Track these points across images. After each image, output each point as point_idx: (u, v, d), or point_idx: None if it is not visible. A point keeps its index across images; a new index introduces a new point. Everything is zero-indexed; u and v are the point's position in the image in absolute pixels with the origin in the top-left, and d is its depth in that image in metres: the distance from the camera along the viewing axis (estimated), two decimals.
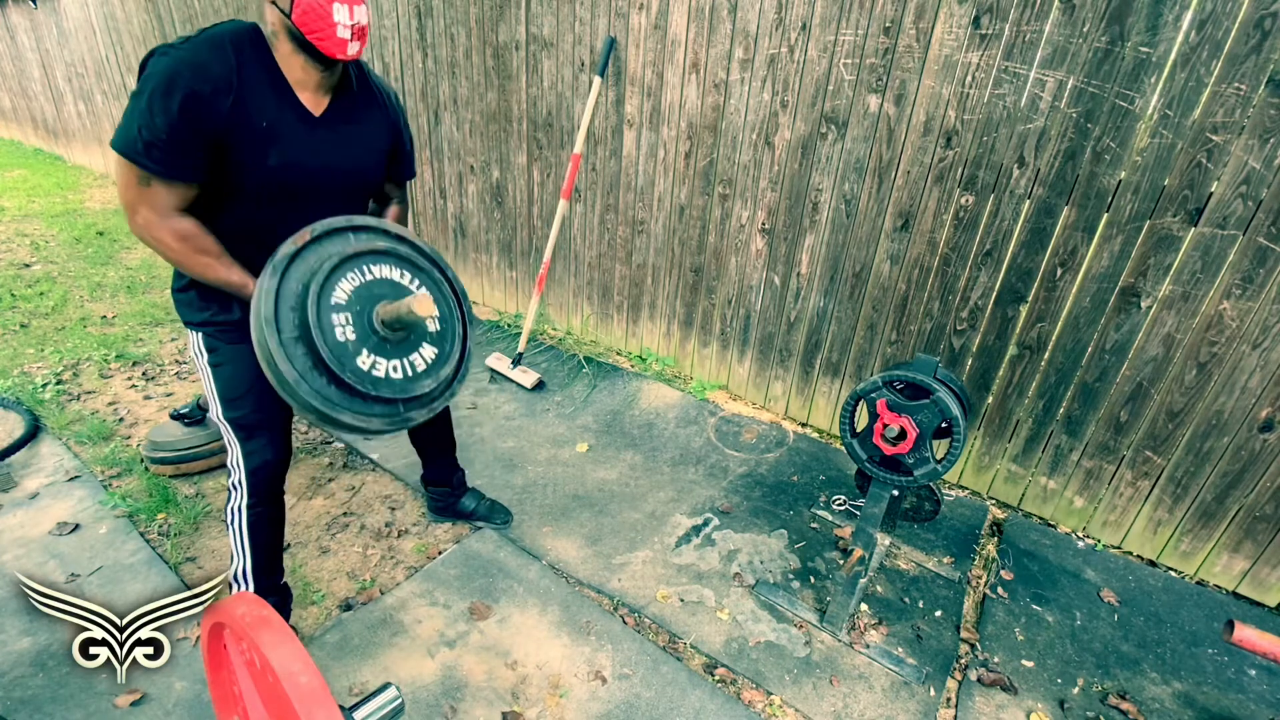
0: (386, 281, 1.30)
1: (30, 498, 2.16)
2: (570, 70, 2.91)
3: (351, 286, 1.25)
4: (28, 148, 8.69)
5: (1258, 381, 1.86)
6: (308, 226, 1.23)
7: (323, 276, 1.20)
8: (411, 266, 1.35)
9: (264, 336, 1.15)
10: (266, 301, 1.16)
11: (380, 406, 1.28)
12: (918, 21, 2.05)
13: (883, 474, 1.68)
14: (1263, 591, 2.02)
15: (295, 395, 1.18)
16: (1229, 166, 1.74)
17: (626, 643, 1.77)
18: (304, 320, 1.18)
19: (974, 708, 1.66)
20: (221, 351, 1.50)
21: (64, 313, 3.60)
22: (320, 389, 1.20)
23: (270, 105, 1.33)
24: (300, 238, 1.21)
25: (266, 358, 1.16)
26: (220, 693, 1.19)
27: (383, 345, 1.28)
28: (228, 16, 4.55)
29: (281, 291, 1.18)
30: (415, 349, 1.34)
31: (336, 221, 1.27)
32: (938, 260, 2.26)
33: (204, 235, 1.35)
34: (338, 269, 1.23)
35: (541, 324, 3.57)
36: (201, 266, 1.36)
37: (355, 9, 1.29)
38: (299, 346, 1.18)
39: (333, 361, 1.19)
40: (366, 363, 1.25)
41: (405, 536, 2.13)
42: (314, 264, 1.22)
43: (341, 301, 1.23)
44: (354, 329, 1.24)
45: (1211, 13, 1.66)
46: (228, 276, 1.37)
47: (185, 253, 1.33)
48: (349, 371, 1.22)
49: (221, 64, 1.26)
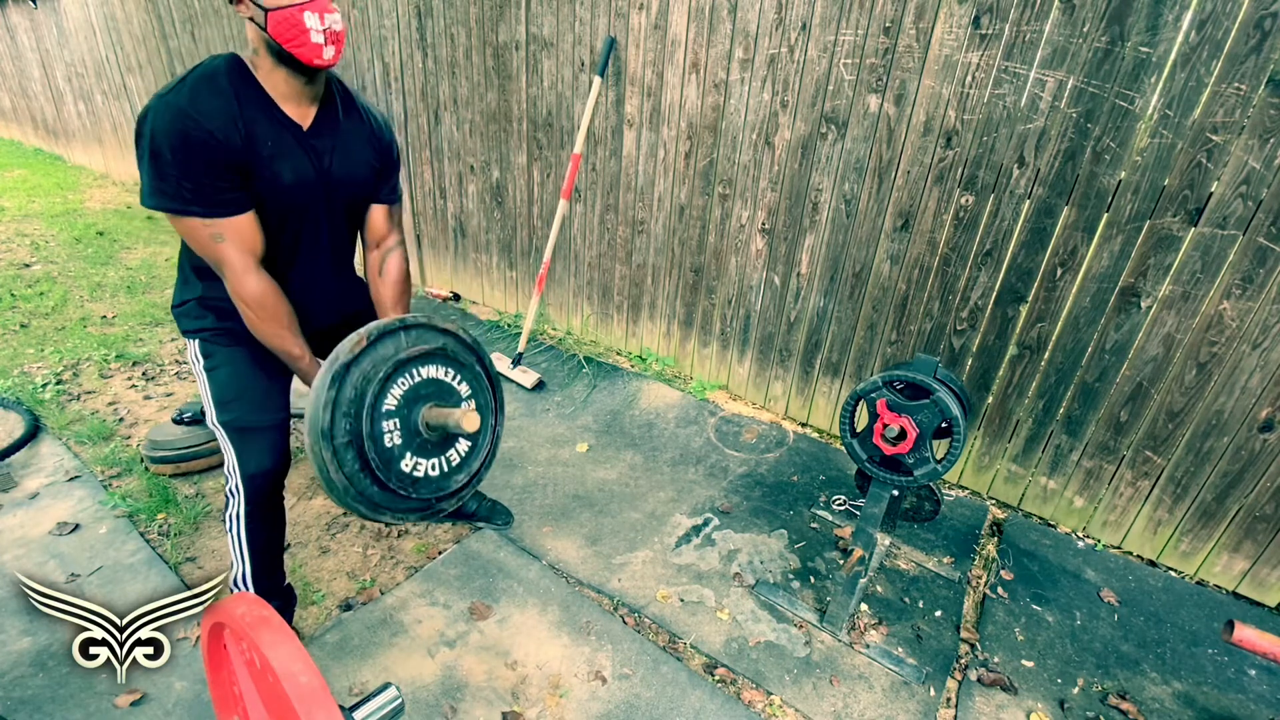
0: (433, 381, 1.31)
1: (30, 498, 2.16)
2: (570, 70, 2.91)
3: (401, 391, 1.25)
4: (28, 148, 8.70)
5: (1258, 381, 1.86)
6: (363, 330, 1.21)
7: (377, 386, 1.20)
8: (455, 363, 1.35)
9: (319, 447, 1.15)
10: (324, 413, 1.15)
11: (416, 503, 1.31)
12: (918, 21, 2.05)
13: (883, 474, 1.69)
14: (1263, 591, 2.02)
15: (342, 500, 1.20)
16: (1229, 166, 1.74)
17: (626, 643, 1.77)
18: (357, 430, 1.19)
19: (974, 708, 1.66)
20: (218, 355, 1.51)
21: (64, 313, 3.60)
22: (364, 490, 1.22)
23: (270, 129, 1.36)
24: (357, 344, 1.19)
25: (320, 466, 1.17)
26: (220, 693, 1.19)
27: (424, 446, 1.30)
28: (228, 16, 4.55)
29: (337, 400, 1.17)
30: (452, 445, 1.37)
31: (390, 323, 1.25)
32: (938, 260, 2.26)
33: (280, 302, 1.41)
34: (391, 376, 1.23)
35: (541, 324, 3.57)
36: (270, 335, 1.42)
37: (326, 15, 1.32)
38: (349, 451, 1.19)
39: (379, 469, 1.21)
40: (409, 465, 1.27)
41: (405, 536, 2.13)
42: (369, 370, 1.21)
43: (392, 408, 1.23)
44: (400, 434, 1.25)
45: (1211, 13, 1.66)
46: (290, 349, 1.44)
47: (258, 321, 1.40)
48: (394, 478, 1.24)
49: (224, 101, 1.29)
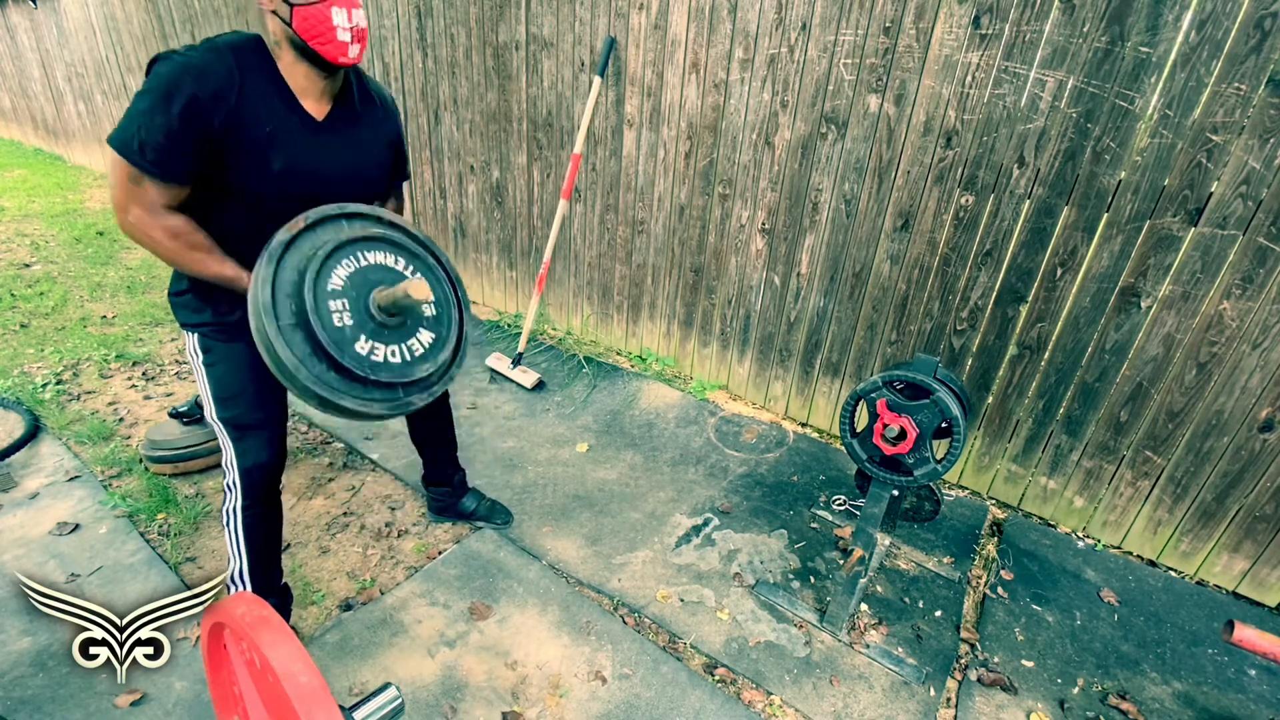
0: (381, 267, 1.31)
1: (30, 498, 2.16)
2: (570, 70, 2.91)
3: (347, 273, 1.25)
4: (28, 148, 8.69)
5: (1258, 381, 1.86)
6: (301, 215, 1.23)
7: (318, 263, 1.21)
8: (406, 253, 1.36)
9: (262, 324, 1.16)
10: (263, 289, 1.17)
11: (380, 391, 1.29)
12: (918, 21, 2.05)
13: (883, 474, 1.69)
14: (1263, 591, 2.02)
15: (295, 381, 1.19)
16: (1229, 166, 1.74)
17: (626, 643, 1.77)
18: (301, 307, 1.19)
19: (974, 708, 1.66)
20: (216, 351, 1.51)
21: (64, 313, 3.60)
22: (320, 374, 1.21)
23: (274, 112, 1.35)
24: (294, 225, 1.22)
25: (265, 344, 1.17)
26: (220, 693, 1.19)
27: (380, 330, 1.29)
28: (227, 16, 4.55)
29: (278, 279, 1.19)
30: (412, 334, 1.35)
31: (329, 209, 1.27)
32: (938, 260, 2.26)
33: (195, 231, 1.35)
34: (333, 255, 1.24)
35: (541, 324, 3.57)
36: (194, 261, 1.36)
37: (353, 12, 1.31)
38: (297, 333, 1.19)
39: (331, 347, 1.20)
40: (365, 348, 1.26)
41: (405, 536, 2.13)
42: (309, 251, 1.23)
43: (338, 288, 1.24)
44: (351, 315, 1.25)
45: (1211, 13, 1.66)
46: (220, 270, 1.37)
47: (177, 249, 1.34)
48: (348, 357, 1.23)
49: (222, 69, 1.28)
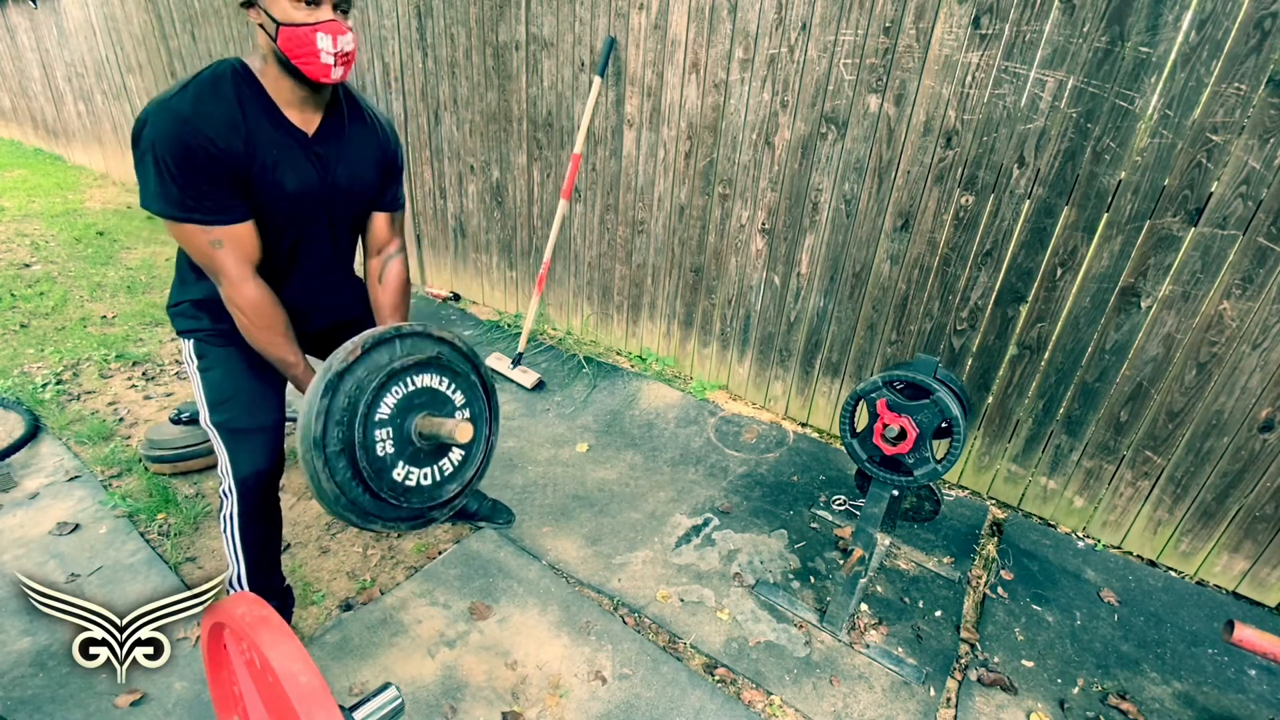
0: (427, 390, 1.30)
1: (30, 498, 2.16)
2: (570, 70, 2.91)
3: (394, 400, 1.24)
4: (28, 148, 8.70)
5: (1258, 381, 1.86)
6: (358, 338, 1.20)
7: (370, 395, 1.19)
8: (449, 372, 1.34)
9: (311, 457, 1.15)
10: (317, 422, 1.14)
11: (407, 512, 1.31)
12: (918, 21, 2.05)
13: (883, 474, 1.68)
14: (1263, 591, 2.02)
15: (333, 509, 1.20)
16: (1229, 166, 1.74)
17: (626, 643, 1.77)
18: (349, 438, 1.18)
19: (974, 708, 1.66)
20: (210, 356, 1.51)
21: (64, 313, 3.60)
22: (355, 499, 1.21)
23: (273, 135, 1.35)
24: (351, 353, 1.18)
25: (311, 475, 1.16)
26: (220, 693, 1.19)
27: (417, 455, 1.29)
28: (228, 16, 4.55)
29: (331, 408, 1.17)
30: (445, 454, 1.36)
31: (385, 332, 1.25)
32: (938, 260, 2.26)
33: (276, 309, 1.41)
34: (385, 385, 1.22)
35: (541, 324, 3.57)
36: (266, 343, 1.42)
37: (339, 38, 1.29)
38: (342, 459, 1.19)
39: (371, 478, 1.21)
40: (401, 474, 1.27)
41: (405, 537, 2.13)
42: (362, 378, 1.20)
43: (385, 416, 1.22)
44: (393, 443, 1.24)
45: (1211, 13, 1.66)
46: (286, 356, 1.44)
47: (254, 329, 1.40)
48: (385, 487, 1.24)
49: (227, 108, 1.28)
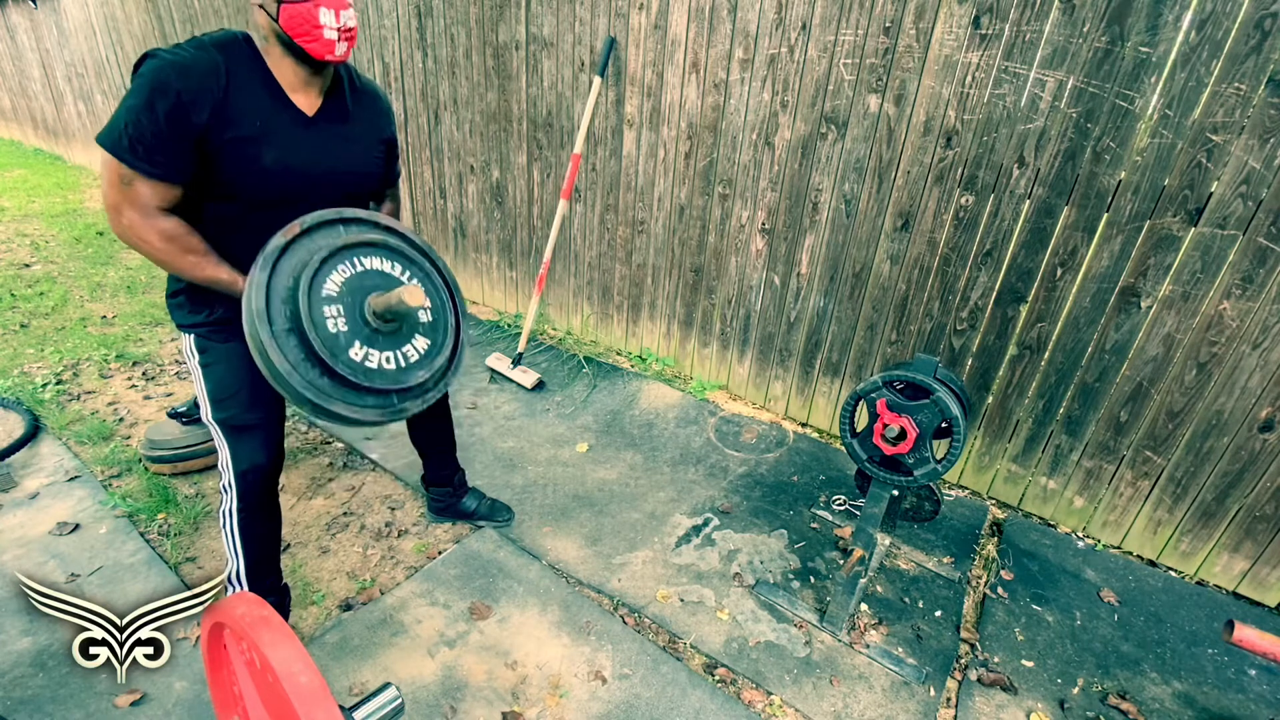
0: (377, 273, 1.31)
1: (30, 498, 2.16)
2: (570, 70, 2.91)
3: (342, 278, 1.25)
4: (28, 148, 8.70)
5: (1258, 381, 1.86)
6: (297, 219, 1.24)
7: (313, 269, 1.21)
8: (402, 258, 1.36)
9: (256, 329, 1.16)
10: (258, 294, 1.17)
11: (373, 397, 1.29)
12: (918, 21, 2.05)
13: (883, 474, 1.68)
14: (1263, 591, 2.02)
15: (288, 386, 1.19)
16: (1229, 166, 1.74)
17: (626, 643, 1.77)
18: (295, 312, 1.19)
19: (974, 708, 1.66)
20: (212, 352, 1.51)
21: (64, 313, 3.60)
22: (313, 380, 1.21)
23: (263, 107, 1.34)
24: (290, 230, 1.22)
25: (259, 349, 1.17)
26: (220, 693, 1.19)
27: (375, 337, 1.29)
28: (227, 16, 4.55)
29: (273, 284, 1.19)
30: (408, 340, 1.35)
31: (326, 214, 1.27)
32: (938, 260, 2.26)
33: (190, 234, 1.35)
34: (328, 261, 1.24)
35: (541, 324, 3.57)
36: (189, 265, 1.35)
37: (341, 13, 1.30)
38: (291, 338, 1.19)
39: (324, 353, 1.20)
40: (359, 354, 1.26)
41: (405, 536, 2.13)
42: (304, 256, 1.23)
43: (333, 293, 1.24)
44: (346, 320, 1.25)
45: (1211, 13, 1.66)
46: (216, 274, 1.37)
47: (171, 252, 1.33)
48: (341, 363, 1.23)
49: (208, 66, 1.28)
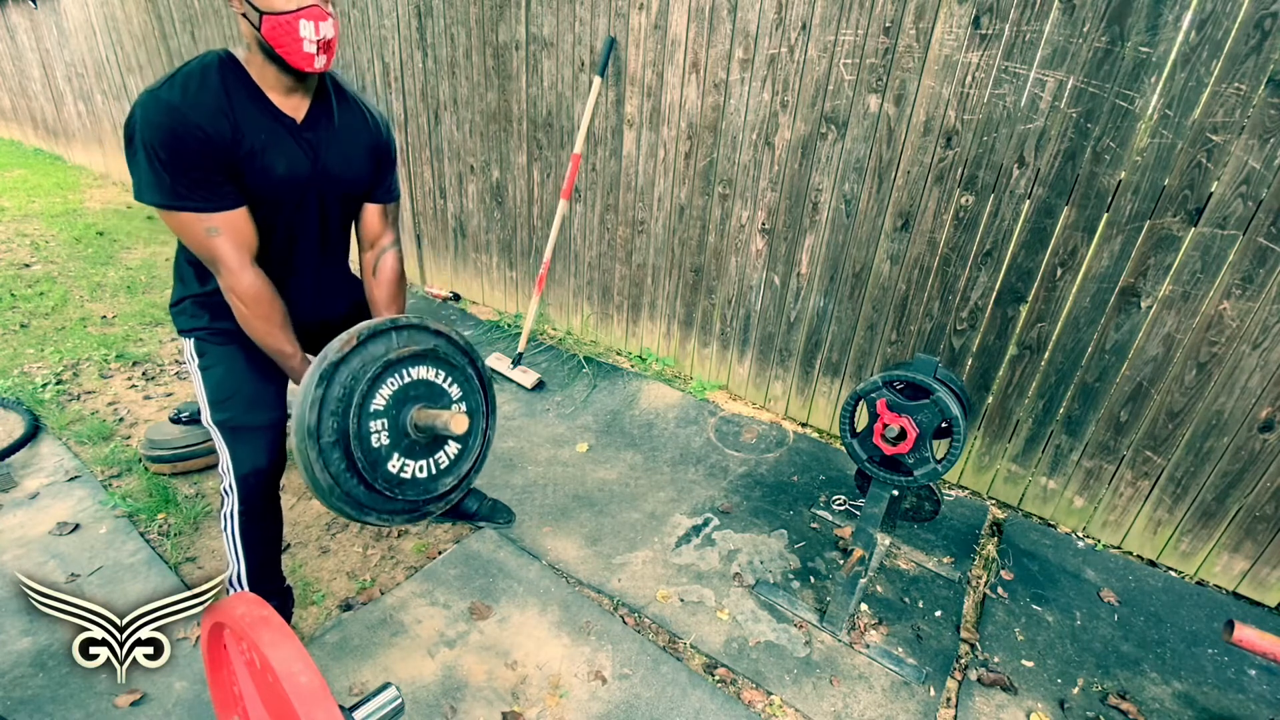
0: (423, 383, 1.30)
1: (30, 498, 2.16)
2: (570, 70, 2.91)
3: (390, 391, 1.24)
4: (28, 148, 8.70)
5: (1258, 381, 1.86)
6: (354, 329, 1.21)
7: (365, 385, 1.19)
8: (446, 366, 1.34)
9: (305, 447, 1.15)
10: (311, 412, 1.14)
11: (403, 504, 1.30)
12: (918, 21, 2.05)
13: (883, 474, 1.68)
14: (1263, 591, 2.02)
15: (327, 499, 1.19)
16: (1229, 166, 1.74)
17: (626, 643, 1.77)
18: (344, 429, 1.18)
19: (974, 708, 1.66)
20: (211, 355, 1.51)
21: (64, 313, 3.60)
22: (350, 490, 1.21)
23: (261, 121, 1.36)
24: (347, 343, 1.19)
25: (305, 464, 1.16)
26: (220, 693, 1.19)
27: (412, 448, 1.29)
28: (227, 16, 4.55)
29: (326, 397, 1.17)
30: (441, 447, 1.35)
31: (381, 323, 1.25)
32: (938, 260, 2.26)
33: (274, 299, 1.40)
34: (380, 376, 1.22)
35: (541, 324, 3.57)
36: (263, 333, 1.41)
37: (320, 25, 1.30)
38: (336, 450, 1.19)
39: (366, 469, 1.20)
40: (396, 466, 1.27)
41: (405, 536, 2.13)
42: (357, 369, 1.20)
43: (380, 408, 1.22)
44: (388, 435, 1.24)
45: (1211, 13, 1.66)
46: (283, 348, 1.43)
47: (251, 318, 1.39)
48: (380, 479, 1.23)
49: (213, 95, 1.29)
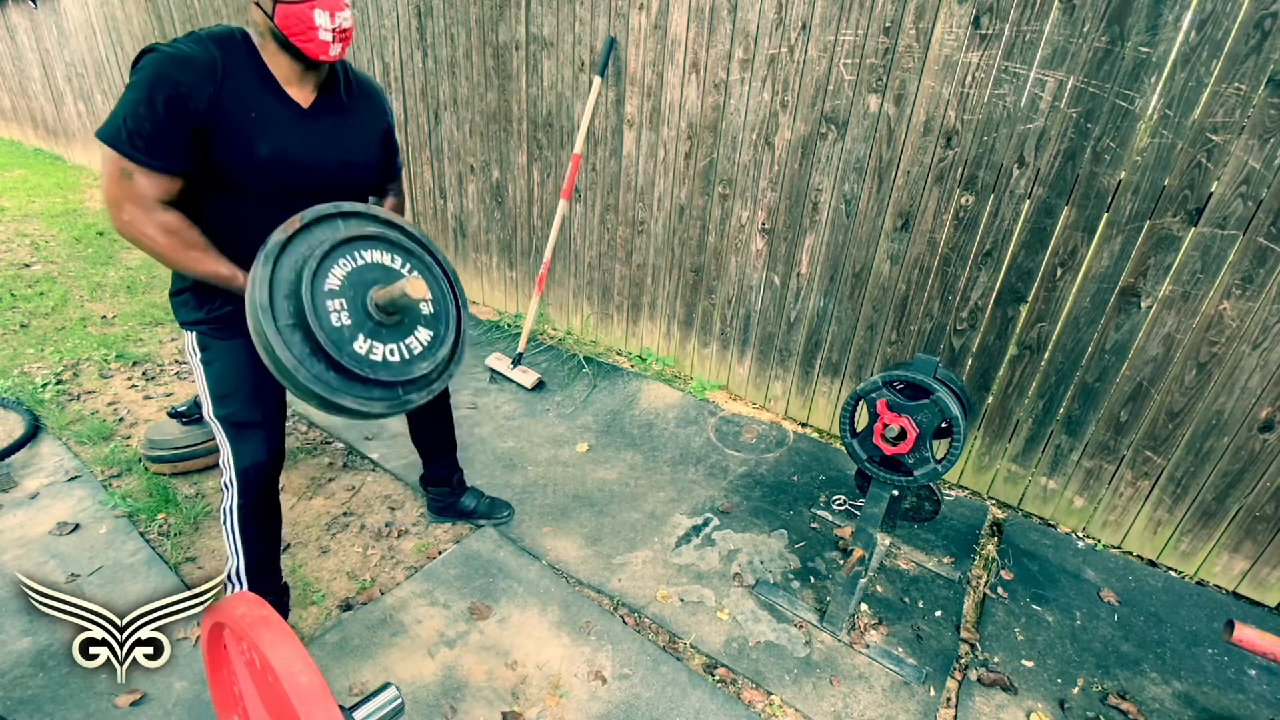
0: (378, 266, 1.32)
1: (30, 498, 2.16)
2: (570, 70, 2.91)
3: (344, 272, 1.26)
4: (28, 148, 8.70)
5: (1258, 381, 1.86)
6: (297, 215, 1.24)
7: (315, 263, 1.21)
8: (402, 251, 1.37)
9: (260, 324, 1.16)
10: (261, 289, 1.17)
11: (379, 390, 1.30)
12: (918, 21, 2.05)
13: (883, 474, 1.68)
14: (1263, 591, 2.02)
15: (295, 381, 1.20)
16: (1229, 166, 1.74)
17: (626, 643, 1.77)
18: (299, 307, 1.19)
19: (974, 708, 1.66)
20: (214, 349, 1.51)
21: (64, 313, 3.60)
22: (319, 374, 1.21)
23: (258, 99, 1.35)
24: (290, 225, 1.23)
25: (264, 345, 1.18)
26: (220, 693, 1.19)
27: (378, 329, 1.30)
28: (227, 16, 4.55)
29: (275, 279, 1.19)
30: (410, 332, 1.36)
31: (325, 208, 1.28)
32: (938, 260, 2.26)
33: (190, 228, 1.35)
34: (330, 254, 1.24)
35: (541, 324, 3.57)
36: (190, 260, 1.35)
37: (337, 14, 1.31)
38: (296, 333, 1.20)
39: (329, 347, 1.21)
40: (363, 347, 1.27)
41: (405, 536, 2.13)
42: (305, 251, 1.23)
43: (335, 287, 1.24)
44: (349, 314, 1.25)
45: (1211, 13, 1.66)
46: (216, 269, 1.37)
47: (171, 246, 1.33)
48: (346, 356, 1.24)
49: (204, 57, 1.29)
